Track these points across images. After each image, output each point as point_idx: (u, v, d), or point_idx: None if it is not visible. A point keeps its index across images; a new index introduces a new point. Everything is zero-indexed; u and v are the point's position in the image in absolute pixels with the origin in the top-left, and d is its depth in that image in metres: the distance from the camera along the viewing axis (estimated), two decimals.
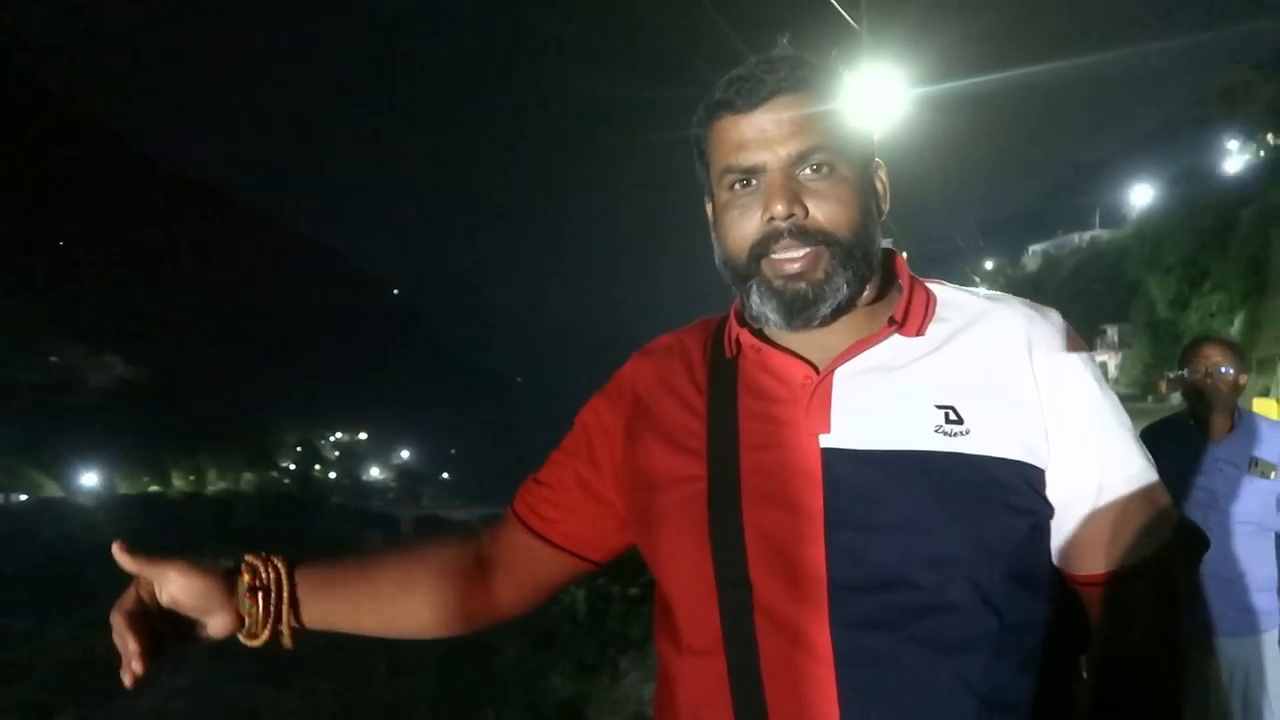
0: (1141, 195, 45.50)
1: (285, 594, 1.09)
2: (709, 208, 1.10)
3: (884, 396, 0.98)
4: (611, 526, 1.17)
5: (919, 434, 0.95)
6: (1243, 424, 2.88)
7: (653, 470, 1.08)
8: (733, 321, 1.10)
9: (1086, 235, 55.40)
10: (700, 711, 0.99)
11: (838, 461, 0.96)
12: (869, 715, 0.90)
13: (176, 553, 1.07)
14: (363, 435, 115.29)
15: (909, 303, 1.04)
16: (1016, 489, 0.95)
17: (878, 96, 11.61)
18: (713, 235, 1.09)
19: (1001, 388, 0.98)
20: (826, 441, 0.97)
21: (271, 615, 1.08)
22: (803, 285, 0.98)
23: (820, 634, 0.91)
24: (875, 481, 0.94)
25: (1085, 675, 1.21)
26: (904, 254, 1.13)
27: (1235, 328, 23.93)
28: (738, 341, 1.08)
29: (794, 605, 0.92)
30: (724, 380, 1.07)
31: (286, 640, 1.10)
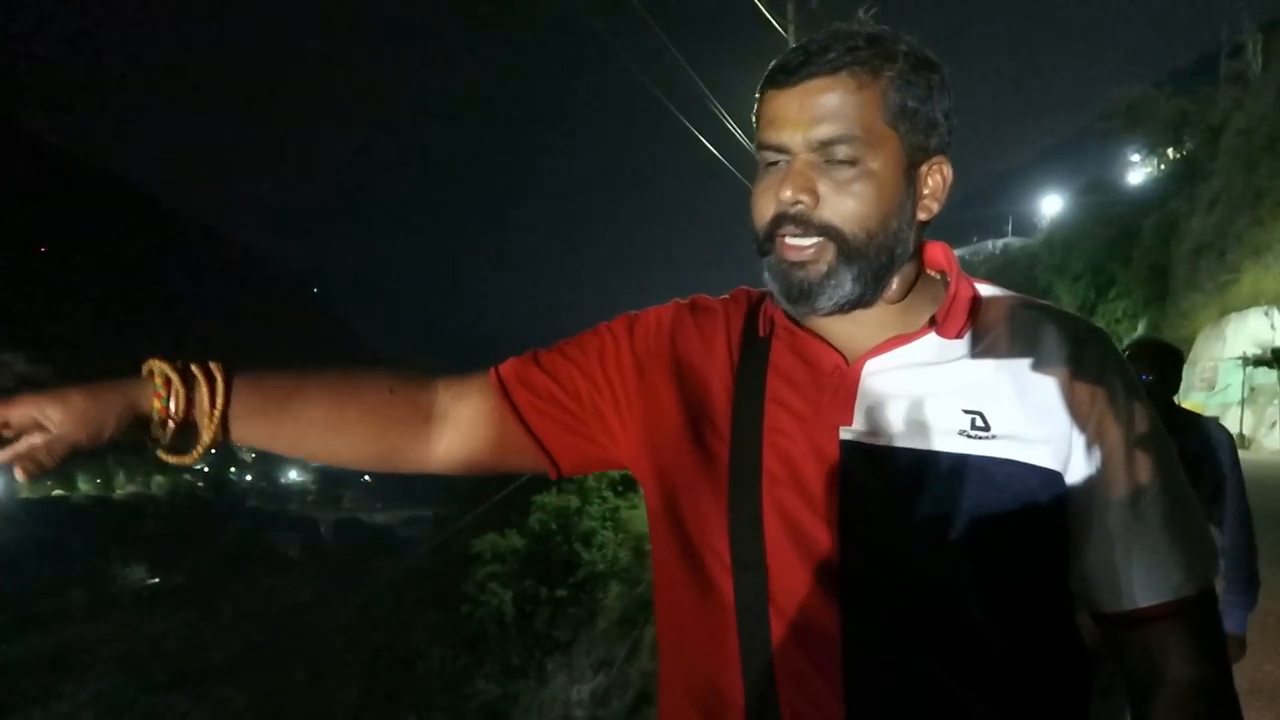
0: (1051, 205, 46.97)
1: (212, 393, 1.05)
2: None
3: (911, 395, 0.96)
4: (586, 445, 1.14)
5: (943, 435, 0.93)
6: (1179, 423, 2.87)
7: (674, 439, 1.05)
8: (769, 299, 1.06)
9: (1000, 243, 56.88)
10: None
11: (855, 455, 0.95)
12: (872, 705, 0.91)
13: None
14: None
15: (952, 303, 1.00)
16: (1038, 499, 0.93)
17: None
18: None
19: (1036, 399, 0.94)
20: (847, 434, 0.96)
21: (182, 410, 1.04)
22: (801, 275, 0.96)
23: (830, 623, 0.92)
24: (894, 479, 0.93)
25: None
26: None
27: (1138, 333, 25.01)
28: (772, 321, 1.06)
29: (806, 592, 0.93)
30: (754, 359, 1.05)
31: (206, 439, 1.04)
